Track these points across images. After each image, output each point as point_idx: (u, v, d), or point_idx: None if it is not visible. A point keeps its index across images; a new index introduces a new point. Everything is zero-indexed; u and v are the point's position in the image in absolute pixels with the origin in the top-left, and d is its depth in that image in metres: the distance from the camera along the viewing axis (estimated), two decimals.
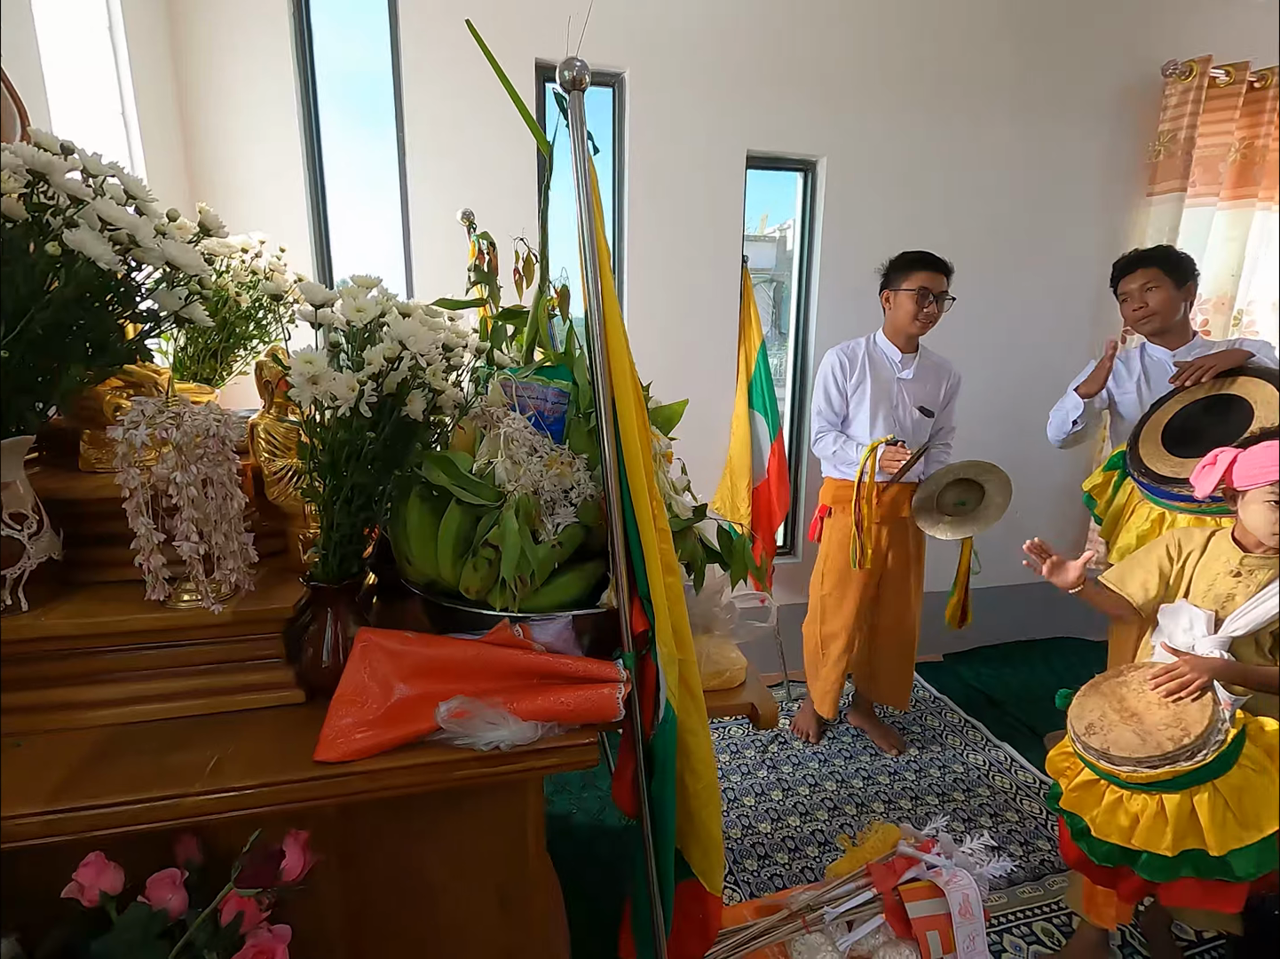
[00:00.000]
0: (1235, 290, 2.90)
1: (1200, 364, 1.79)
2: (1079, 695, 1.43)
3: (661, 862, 0.99)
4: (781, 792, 2.14)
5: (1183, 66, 2.59)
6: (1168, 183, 2.70)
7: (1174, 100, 2.65)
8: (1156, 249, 2.04)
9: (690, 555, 1.08)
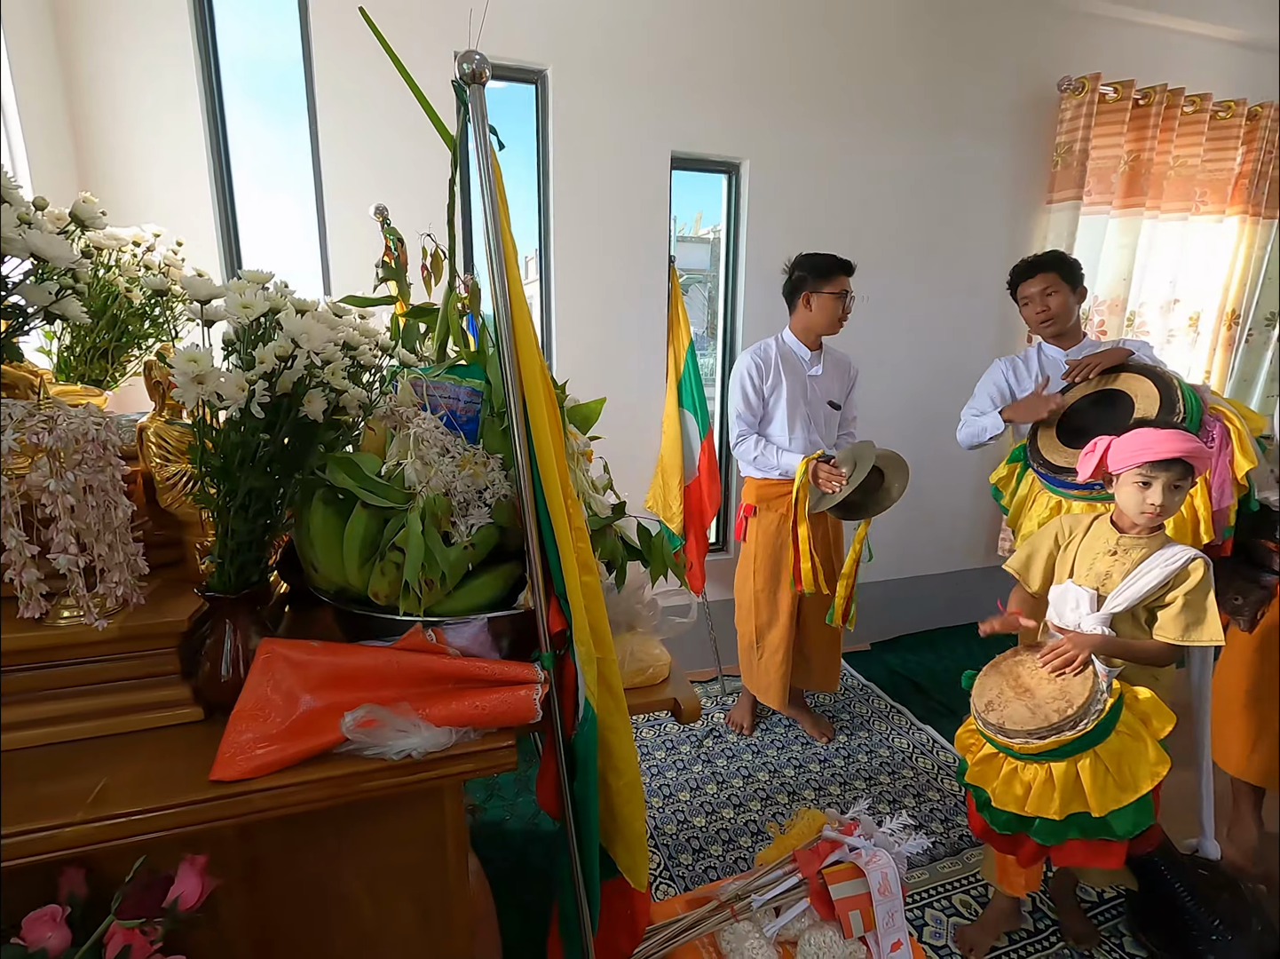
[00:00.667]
0: (1127, 293, 3.11)
1: (1087, 362, 1.92)
2: (980, 675, 1.51)
3: (586, 861, 0.99)
4: (716, 785, 2.17)
5: (1075, 83, 2.77)
6: (1065, 191, 2.88)
7: (1069, 114, 2.82)
8: (1051, 255, 2.16)
9: (610, 553, 1.08)
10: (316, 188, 2.10)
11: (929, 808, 2.07)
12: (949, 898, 1.73)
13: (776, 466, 2.16)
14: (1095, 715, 1.32)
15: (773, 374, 2.19)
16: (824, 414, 2.25)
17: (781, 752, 2.34)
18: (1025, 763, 1.39)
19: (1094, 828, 1.33)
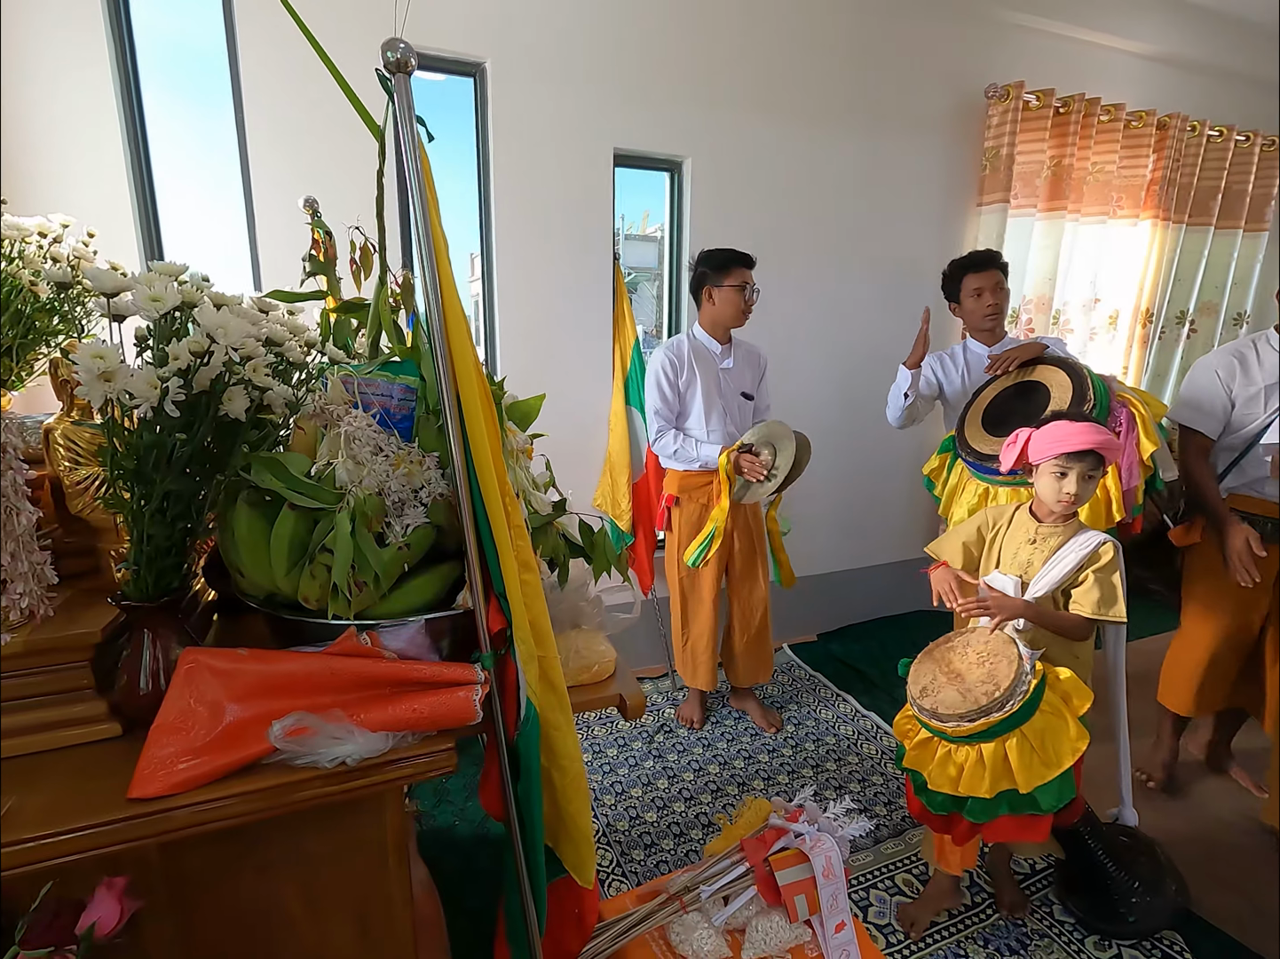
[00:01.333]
0: (1053, 292, 3.26)
1: (1006, 356, 2.05)
2: (915, 663, 1.56)
3: (532, 862, 0.98)
4: (667, 779, 2.18)
5: (1001, 90, 2.88)
6: (994, 194, 2.99)
7: (995, 120, 2.93)
8: (996, 252, 2.28)
9: (552, 551, 1.08)
10: (244, 181, 2.02)
11: (873, 792, 2.13)
12: (892, 878, 1.78)
13: (697, 459, 2.23)
14: (1020, 696, 1.38)
15: (686, 370, 2.24)
16: (738, 405, 2.33)
17: (731, 744, 2.38)
18: (958, 745, 1.44)
19: (1022, 804, 1.39)
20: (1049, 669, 1.45)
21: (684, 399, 2.29)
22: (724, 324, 2.26)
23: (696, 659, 2.40)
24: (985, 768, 1.40)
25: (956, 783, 1.43)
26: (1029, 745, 1.39)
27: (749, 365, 2.38)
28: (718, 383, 2.30)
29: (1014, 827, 1.43)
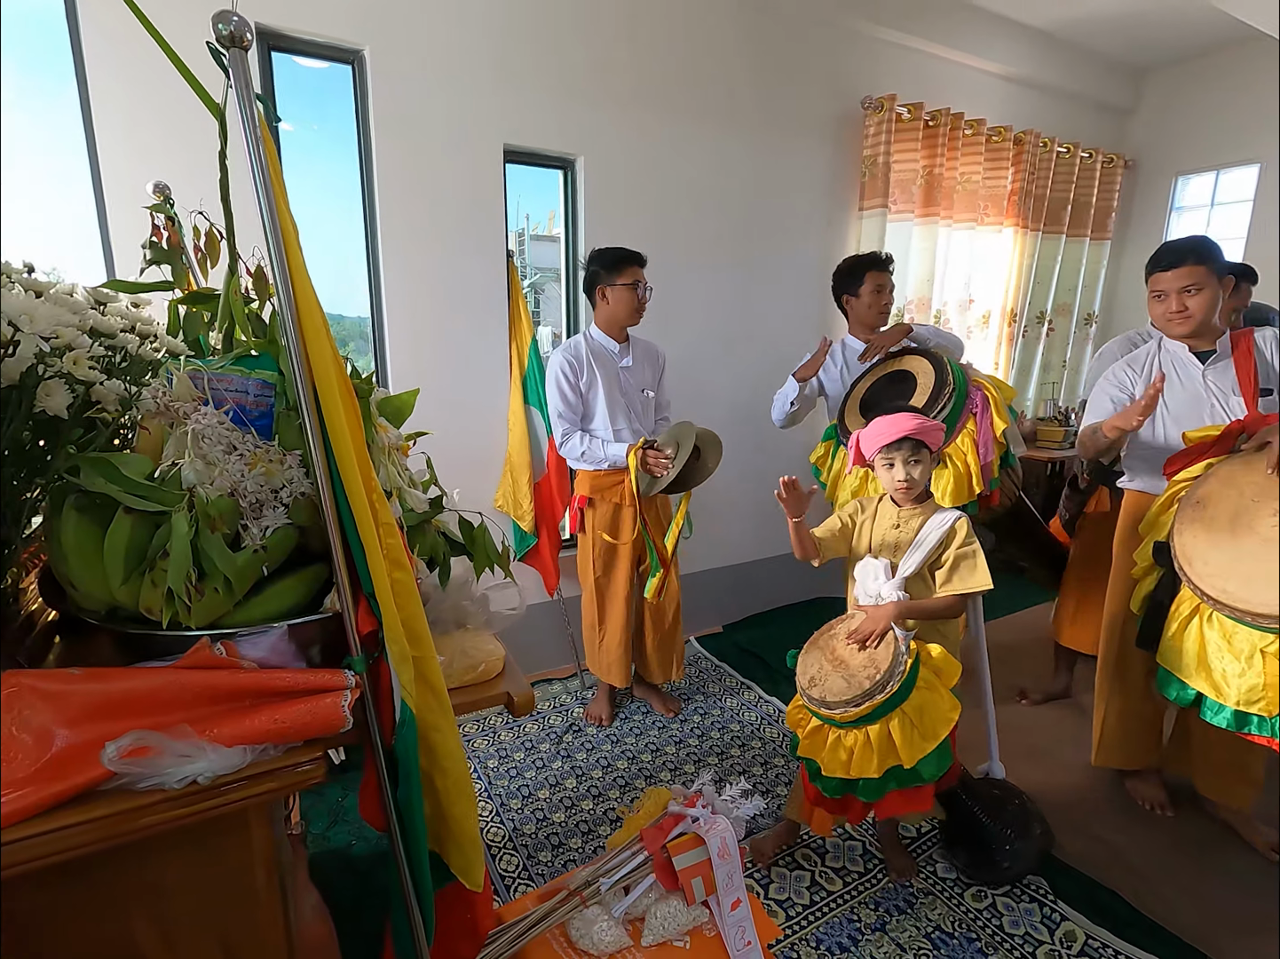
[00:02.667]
0: (931, 293, 3.49)
1: (875, 342, 2.22)
2: (802, 654, 1.63)
3: (416, 870, 0.95)
4: (575, 779, 2.17)
5: (876, 102, 3.05)
6: (874, 200, 3.16)
7: (872, 130, 3.10)
8: (890, 255, 2.41)
9: (431, 549, 1.05)
10: (91, 160, 1.85)
11: (774, 774, 2.20)
12: (792, 854, 1.85)
13: (605, 458, 2.23)
14: (899, 677, 1.47)
15: (586, 370, 2.25)
16: (640, 402, 2.36)
17: (639, 738, 2.40)
18: (847, 730, 1.52)
19: (907, 778, 1.48)
20: (921, 647, 1.55)
21: (587, 400, 2.29)
22: (619, 323, 2.27)
23: (611, 657, 2.40)
24: (873, 749, 1.47)
25: (848, 766, 1.50)
26: (909, 722, 1.48)
27: (648, 362, 2.41)
28: (619, 381, 2.31)
29: (902, 800, 1.52)
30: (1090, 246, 4.00)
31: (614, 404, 2.29)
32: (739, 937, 1.30)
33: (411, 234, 2.31)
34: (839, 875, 1.78)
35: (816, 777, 1.57)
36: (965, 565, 1.55)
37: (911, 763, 1.46)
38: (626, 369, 2.33)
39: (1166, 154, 4.01)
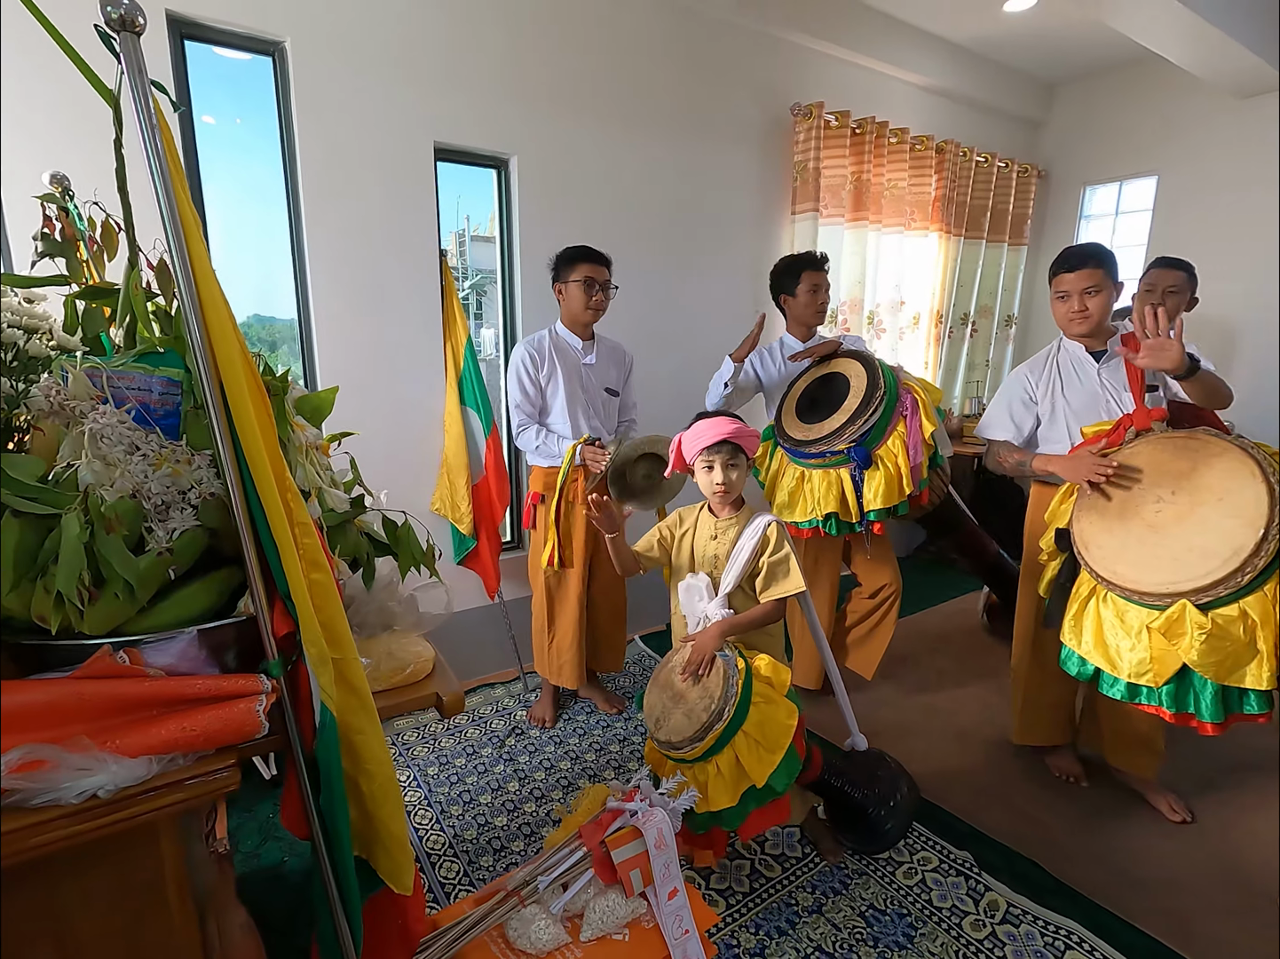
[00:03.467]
0: (863, 295, 3.60)
1: (808, 351, 2.30)
2: (647, 692, 1.64)
3: (342, 877, 0.94)
4: (518, 782, 2.16)
5: (804, 109, 3.14)
6: (805, 204, 3.25)
7: (802, 136, 3.19)
8: (825, 255, 2.48)
9: (354, 549, 1.03)
10: None
11: None
12: (733, 844, 1.88)
13: (559, 455, 2.23)
14: (733, 699, 1.48)
15: (547, 364, 2.24)
16: (602, 400, 2.36)
17: (584, 738, 2.39)
18: (699, 765, 1.53)
19: (763, 795, 1.50)
20: (749, 659, 1.56)
21: (546, 394, 2.29)
22: (577, 319, 2.27)
23: (563, 657, 2.38)
24: (725, 779, 1.50)
25: (705, 803, 1.51)
26: (753, 740, 1.49)
27: (613, 362, 2.41)
28: (580, 378, 2.31)
29: (762, 818, 1.54)
30: (1009, 252, 4.21)
31: (574, 400, 2.29)
32: (676, 925, 1.31)
33: (339, 233, 2.25)
34: (778, 862, 1.82)
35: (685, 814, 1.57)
36: (780, 571, 1.58)
37: (764, 780, 1.47)
38: (589, 366, 2.32)
39: (1075, 165, 4.26)
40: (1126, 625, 1.59)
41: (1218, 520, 1.53)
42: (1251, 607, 1.45)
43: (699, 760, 1.52)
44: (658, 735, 1.54)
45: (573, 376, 2.28)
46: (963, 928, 1.62)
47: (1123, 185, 4.16)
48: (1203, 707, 1.49)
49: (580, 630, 2.36)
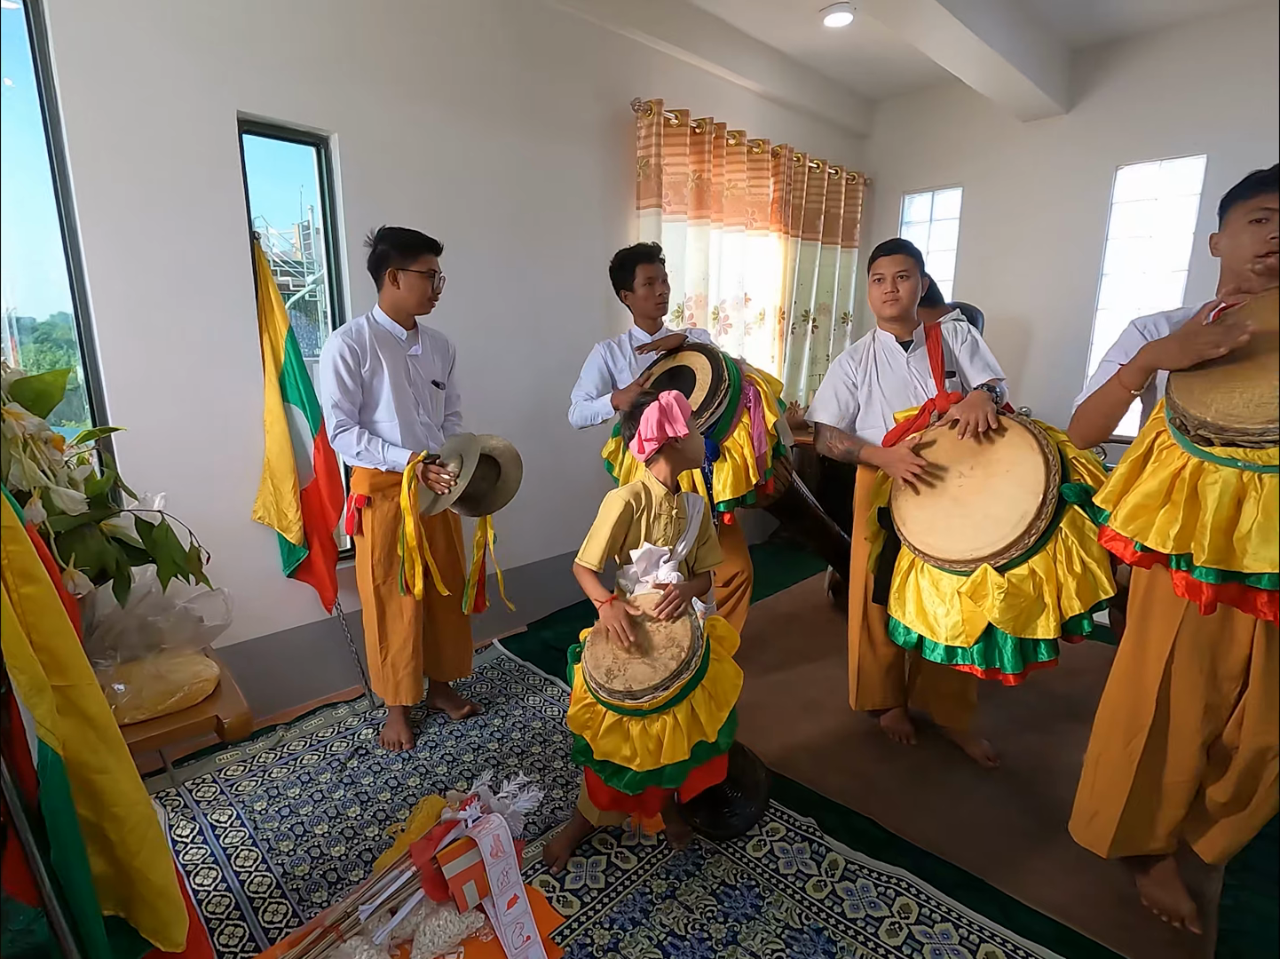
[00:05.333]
0: (708, 291, 3.70)
1: (655, 343, 2.33)
2: (588, 645, 1.61)
3: (90, 947, 0.79)
4: (360, 806, 2.00)
5: (644, 105, 3.18)
6: (649, 200, 3.29)
7: (643, 132, 3.23)
8: (659, 245, 2.50)
9: (99, 558, 0.88)
10: None
11: (577, 766, 2.19)
12: (590, 841, 1.84)
13: (384, 462, 2.05)
14: (700, 651, 1.51)
15: (370, 357, 2.06)
16: (429, 394, 2.22)
17: (435, 750, 2.27)
18: (655, 717, 1.51)
19: (708, 750, 1.52)
20: (708, 620, 1.61)
21: (369, 388, 2.09)
22: (407, 310, 2.11)
23: (399, 673, 2.22)
24: (683, 729, 1.49)
25: (658, 755, 1.49)
26: (707, 694, 1.53)
27: (438, 353, 2.26)
28: (407, 371, 2.14)
29: (703, 776, 1.56)
30: (841, 253, 4.51)
31: (401, 395, 2.11)
32: (517, 934, 1.25)
33: (123, 213, 1.98)
34: (634, 853, 1.81)
35: (614, 775, 1.54)
36: (715, 544, 1.71)
37: (715, 735, 1.51)
38: (415, 358, 2.16)
39: (896, 175, 4.64)
40: (941, 593, 1.73)
41: (1007, 489, 1.69)
42: (1037, 565, 1.62)
43: (656, 712, 1.48)
44: (610, 685, 1.48)
45: (399, 369, 2.11)
46: (806, 890, 1.69)
47: (935, 195, 4.59)
48: (1005, 660, 1.65)
49: (417, 641, 2.21)
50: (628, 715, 1.52)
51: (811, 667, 2.82)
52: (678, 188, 3.40)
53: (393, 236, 2.04)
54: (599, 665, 1.54)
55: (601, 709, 1.56)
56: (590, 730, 1.57)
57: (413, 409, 2.15)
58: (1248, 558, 1.18)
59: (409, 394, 2.14)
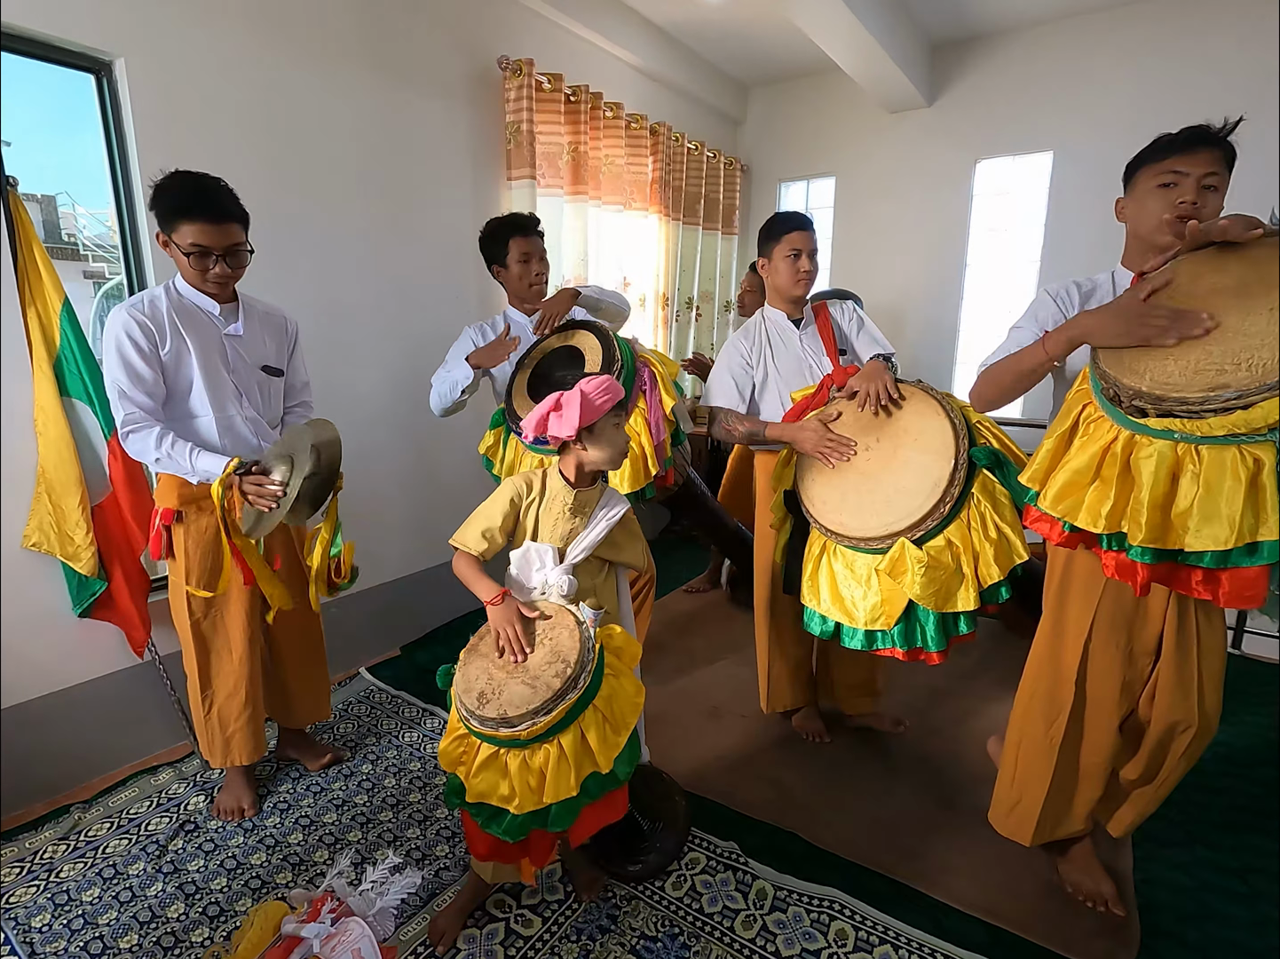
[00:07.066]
0: (586, 273, 3.46)
1: (545, 312, 2.05)
2: (461, 666, 1.34)
3: None
4: (184, 902, 1.58)
5: (513, 64, 2.87)
6: (520, 170, 2.99)
7: (513, 95, 2.92)
8: (537, 218, 2.24)
9: None
10: None
11: None
12: (483, 907, 1.55)
13: (193, 472, 1.60)
14: (590, 664, 1.27)
15: (171, 336, 1.61)
16: (259, 383, 1.78)
17: (287, 814, 1.88)
18: (536, 747, 1.24)
19: (603, 784, 1.27)
20: (601, 630, 1.36)
21: (173, 376, 1.64)
22: (194, 283, 1.66)
23: (228, 727, 1.80)
24: (569, 761, 1.23)
25: (540, 794, 1.23)
26: (601, 717, 1.28)
27: (271, 332, 1.82)
28: (223, 354, 1.70)
29: (597, 814, 1.31)
30: (722, 240, 4.42)
31: (217, 385, 1.68)
32: None
33: None
34: (536, 913, 1.55)
35: (491, 820, 1.28)
36: (637, 545, 1.52)
37: (609, 765, 1.26)
38: (235, 338, 1.72)
39: (771, 162, 4.62)
40: (856, 575, 1.61)
41: (917, 458, 1.60)
42: (954, 534, 1.52)
43: (537, 741, 1.22)
44: (482, 712, 1.21)
45: (211, 352, 1.68)
46: (735, 930, 1.51)
47: (810, 184, 4.62)
48: (928, 638, 1.54)
49: (253, 684, 1.81)
50: (504, 747, 1.26)
51: (713, 669, 2.68)
52: (552, 159, 3.12)
53: (160, 192, 1.58)
54: (470, 689, 1.29)
55: (476, 741, 1.29)
56: (464, 767, 1.30)
57: (232, 402, 1.71)
58: (1189, 536, 1.11)
59: (227, 383, 1.71)
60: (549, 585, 1.38)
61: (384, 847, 1.72)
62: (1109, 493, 1.20)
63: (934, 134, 4.00)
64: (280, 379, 1.85)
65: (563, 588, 1.38)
